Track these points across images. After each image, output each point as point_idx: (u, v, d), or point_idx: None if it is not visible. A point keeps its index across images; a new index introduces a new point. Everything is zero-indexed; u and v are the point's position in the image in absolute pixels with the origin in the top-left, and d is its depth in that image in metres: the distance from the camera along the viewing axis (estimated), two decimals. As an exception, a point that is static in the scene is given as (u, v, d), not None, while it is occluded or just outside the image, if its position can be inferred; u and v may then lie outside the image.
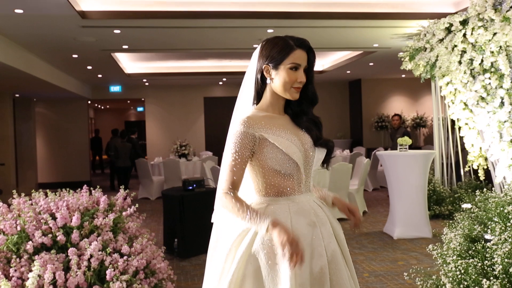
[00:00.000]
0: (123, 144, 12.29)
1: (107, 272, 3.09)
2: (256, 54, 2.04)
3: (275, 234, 1.76)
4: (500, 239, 3.16)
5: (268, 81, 2.00)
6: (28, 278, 2.77)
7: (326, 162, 2.07)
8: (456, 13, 6.31)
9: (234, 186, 1.91)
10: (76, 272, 3.03)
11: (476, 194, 4.33)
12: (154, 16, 6.55)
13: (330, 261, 1.89)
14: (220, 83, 15.03)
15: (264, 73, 2.00)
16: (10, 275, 3.04)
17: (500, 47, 5.37)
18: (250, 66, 2.07)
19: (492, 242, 3.22)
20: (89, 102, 15.24)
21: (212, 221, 2.09)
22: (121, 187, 4.03)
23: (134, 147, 12.59)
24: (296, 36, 2.01)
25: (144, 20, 6.68)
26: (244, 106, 2.07)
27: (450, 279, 3.15)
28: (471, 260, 3.17)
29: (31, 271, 2.89)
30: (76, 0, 5.99)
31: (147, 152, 15.17)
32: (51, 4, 5.69)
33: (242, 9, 6.64)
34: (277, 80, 1.97)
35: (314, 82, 2.06)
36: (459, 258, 3.28)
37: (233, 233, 1.93)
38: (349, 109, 15.91)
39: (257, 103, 2.05)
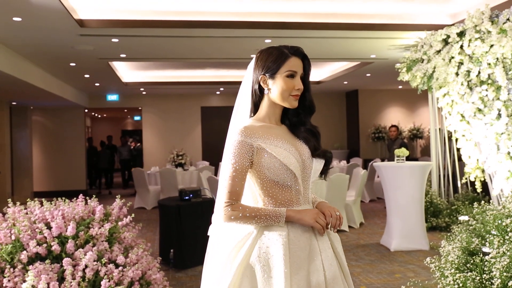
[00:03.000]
0: (103, 151, 15.62)
1: (102, 282, 3.05)
2: (251, 65, 2.03)
3: (299, 221, 1.87)
4: (499, 252, 3.14)
5: (265, 91, 1.98)
6: (21, 289, 2.74)
7: (324, 172, 2.04)
8: (453, 24, 6.35)
9: (237, 197, 1.88)
10: (71, 282, 2.99)
11: (473, 206, 4.31)
12: (152, 25, 6.56)
13: (327, 275, 1.86)
14: (218, 92, 15.04)
15: (261, 83, 1.98)
16: (4, 285, 3.01)
17: (497, 59, 5.39)
18: (246, 78, 2.05)
19: (490, 255, 3.20)
20: (86, 110, 15.23)
21: (208, 233, 2.05)
22: (117, 197, 4.00)
23: (113, 153, 16.25)
24: (290, 45, 2.00)
25: (142, 29, 6.70)
26: (241, 118, 2.05)
27: (448, 292, 3.13)
28: (469, 273, 3.15)
29: (25, 281, 2.86)
30: (74, 9, 6.00)
31: (143, 161, 15.13)
32: (49, 13, 5.69)
33: (240, 19, 6.66)
34: (275, 89, 1.95)
35: (311, 92, 2.04)
36: (457, 272, 3.26)
37: (229, 245, 1.90)
38: (346, 119, 15.93)
39: (254, 115, 2.04)
